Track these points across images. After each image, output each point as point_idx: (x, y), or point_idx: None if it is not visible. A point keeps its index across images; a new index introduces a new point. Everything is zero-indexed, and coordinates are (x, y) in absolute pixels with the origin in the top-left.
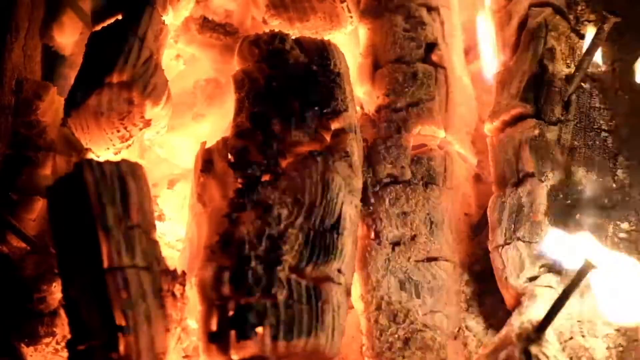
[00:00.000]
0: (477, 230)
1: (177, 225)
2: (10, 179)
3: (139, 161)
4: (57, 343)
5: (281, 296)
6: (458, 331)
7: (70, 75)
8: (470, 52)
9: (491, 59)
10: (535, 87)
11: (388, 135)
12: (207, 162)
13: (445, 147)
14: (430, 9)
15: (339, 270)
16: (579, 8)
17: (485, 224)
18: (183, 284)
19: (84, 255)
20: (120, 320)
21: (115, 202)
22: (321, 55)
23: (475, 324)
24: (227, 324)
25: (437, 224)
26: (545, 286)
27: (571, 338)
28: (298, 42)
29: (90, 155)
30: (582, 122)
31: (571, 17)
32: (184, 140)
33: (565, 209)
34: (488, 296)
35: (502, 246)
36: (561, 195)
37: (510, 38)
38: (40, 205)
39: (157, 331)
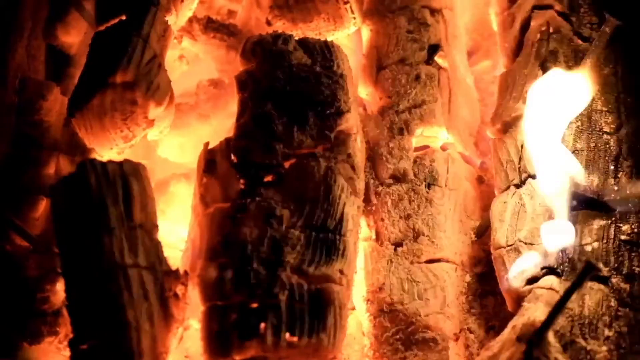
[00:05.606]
0: (480, 232)
1: (180, 226)
2: (13, 179)
3: (142, 161)
4: (60, 342)
5: (283, 297)
6: (460, 333)
7: (75, 75)
8: (474, 53)
9: None
10: None
11: (390, 137)
12: (210, 163)
13: (447, 148)
14: (434, 10)
15: (341, 272)
16: (582, 10)
17: (488, 225)
18: (185, 284)
19: (86, 255)
20: (122, 320)
21: (118, 202)
22: (324, 56)
23: (477, 325)
24: (229, 325)
25: (439, 226)
26: (547, 288)
27: (572, 340)
28: (301, 43)
29: (93, 155)
30: (584, 124)
31: (574, 19)
32: (187, 140)
33: None
34: (490, 298)
35: (504, 248)
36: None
37: (513, 40)
38: (43, 204)
39: (159, 331)
